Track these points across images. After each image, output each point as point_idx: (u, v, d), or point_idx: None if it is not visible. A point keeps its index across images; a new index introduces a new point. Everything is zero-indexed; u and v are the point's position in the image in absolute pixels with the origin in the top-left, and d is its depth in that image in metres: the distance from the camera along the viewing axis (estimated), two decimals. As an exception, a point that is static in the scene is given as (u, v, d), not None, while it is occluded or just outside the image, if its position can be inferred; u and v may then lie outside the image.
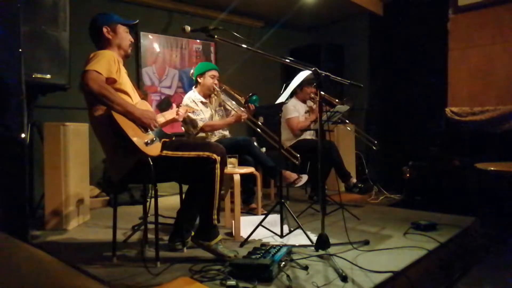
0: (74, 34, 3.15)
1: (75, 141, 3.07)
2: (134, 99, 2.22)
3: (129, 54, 2.35)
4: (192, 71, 3.60)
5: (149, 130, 2.12)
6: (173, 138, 2.35)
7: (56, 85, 3.06)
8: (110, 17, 2.30)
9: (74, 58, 3.22)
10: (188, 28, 2.14)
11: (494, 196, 3.43)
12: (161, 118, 2.47)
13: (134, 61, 4.42)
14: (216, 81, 3.40)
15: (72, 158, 3.01)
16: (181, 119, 2.66)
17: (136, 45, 4.42)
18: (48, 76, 2.96)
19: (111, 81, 2.05)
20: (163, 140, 2.21)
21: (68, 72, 3.09)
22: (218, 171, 2.11)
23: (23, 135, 2.26)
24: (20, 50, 2.26)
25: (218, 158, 2.11)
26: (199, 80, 3.42)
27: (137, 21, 2.41)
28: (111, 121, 1.94)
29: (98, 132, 2.12)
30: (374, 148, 3.71)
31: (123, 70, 2.22)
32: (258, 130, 3.32)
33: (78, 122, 3.18)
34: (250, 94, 3.24)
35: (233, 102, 3.48)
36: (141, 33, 4.46)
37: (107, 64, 2.04)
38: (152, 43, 4.58)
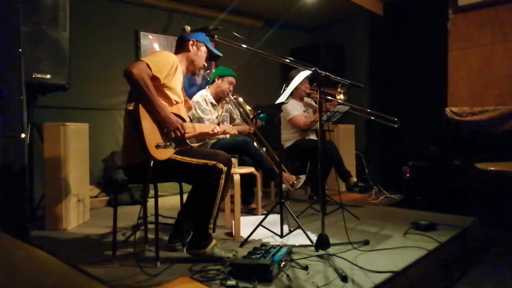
0: (74, 34, 3.15)
1: (75, 141, 3.07)
2: (173, 107, 2.22)
3: (195, 73, 2.44)
4: (208, 71, 3.60)
5: (168, 136, 2.08)
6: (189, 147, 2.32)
7: (56, 85, 3.06)
8: (203, 37, 2.36)
9: (74, 58, 3.22)
10: (188, 28, 2.14)
11: (494, 196, 3.43)
12: (191, 129, 2.42)
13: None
14: (231, 88, 3.45)
15: (72, 158, 3.01)
16: (215, 136, 2.63)
17: (136, 45, 4.42)
18: (48, 76, 2.97)
19: (156, 81, 2.05)
20: (178, 148, 2.16)
21: (68, 72, 3.09)
22: (222, 181, 2.11)
23: (23, 135, 2.26)
24: (20, 50, 2.26)
25: (224, 169, 2.11)
26: (216, 81, 3.45)
27: (221, 55, 2.47)
28: (136, 113, 1.95)
29: (125, 120, 2.14)
30: (396, 126, 3.47)
31: (179, 80, 2.24)
32: (261, 146, 3.39)
33: (78, 122, 3.19)
34: (259, 111, 3.30)
35: (238, 113, 3.56)
36: (141, 33, 4.46)
37: (162, 65, 2.06)
38: (152, 43, 4.58)
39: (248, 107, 3.38)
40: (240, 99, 3.46)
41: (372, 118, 3.73)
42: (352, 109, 3.71)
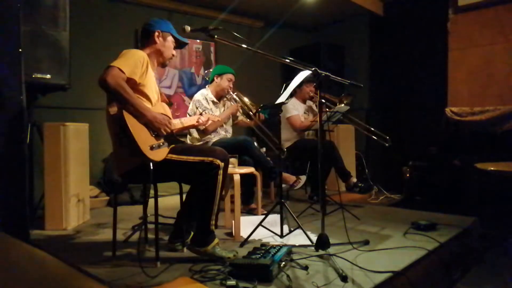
0: (74, 34, 3.15)
1: (75, 141, 3.07)
2: (154, 104, 2.22)
3: (166, 65, 2.40)
4: (206, 71, 3.60)
5: (160, 134, 2.10)
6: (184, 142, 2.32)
7: (56, 85, 3.06)
8: (167, 26, 2.33)
9: (74, 58, 3.22)
10: (188, 28, 2.14)
11: (494, 196, 3.42)
12: (179, 124, 2.44)
13: (134, 61, 4.42)
14: (231, 85, 3.46)
15: (72, 158, 3.01)
16: (202, 127, 2.64)
17: (136, 45, 4.41)
18: (48, 76, 2.97)
19: (132, 82, 2.05)
20: (172, 146, 2.18)
21: (68, 72, 3.09)
22: (220, 177, 2.11)
23: (23, 135, 2.26)
24: (20, 50, 2.26)
25: (221, 164, 2.11)
26: (215, 79, 3.46)
27: (188, 42, 2.46)
28: (121, 120, 1.94)
29: (110, 126, 2.13)
30: (387, 144, 3.53)
31: (151, 75, 2.23)
32: (263, 136, 3.38)
33: (78, 122, 3.19)
34: (262, 105, 3.30)
35: (240, 110, 3.56)
36: (141, 33, 4.45)
37: (134, 64, 2.05)
38: (152, 43, 4.58)
39: (248, 101, 3.39)
40: (240, 95, 3.46)
41: (365, 132, 3.76)
42: (349, 119, 3.73)
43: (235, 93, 3.47)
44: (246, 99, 3.45)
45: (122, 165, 2.11)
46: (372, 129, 3.66)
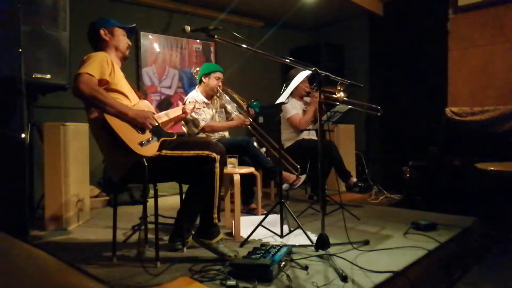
0: (74, 34, 3.15)
1: (75, 141, 3.07)
2: (132, 100, 2.22)
3: (126, 56, 2.38)
4: (195, 69, 3.58)
5: (146, 129, 2.11)
6: (175, 137, 2.31)
7: (56, 85, 3.07)
8: (108, 21, 2.33)
9: (74, 58, 3.20)
10: (188, 28, 2.13)
11: (494, 196, 3.43)
12: (164, 117, 2.44)
13: (134, 61, 4.42)
14: (220, 83, 3.43)
15: (72, 158, 3.01)
16: (188, 116, 2.64)
17: (136, 45, 4.41)
18: (48, 76, 2.97)
19: (104, 83, 2.06)
20: (162, 139, 2.19)
21: (68, 72, 3.09)
22: (217, 170, 2.11)
23: (23, 135, 2.27)
24: (20, 50, 2.26)
25: (217, 157, 2.11)
26: (203, 80, 3.44)
27: (134, 25, 2.44)
28: (104, 123, 1.94)
29: (95, 133, 2.13)
30: (379, 114, 3.46)
31: (119, 72, 2.22)
32: (257, 135, 3.36)
33: (78, 122, 3.18)
34: (252, 100, 3.27)
35: (234, 105, 3.52)
36: (141, 33, 4.46)
37: (100, 65, 2.05)
38: (152, 43, 4.58)
39: (239, 98, 3.35)
40: (230, 91, 3.42)
41: (353, 107, 3.71)
42: (336, 101, 3.67)
43: (226, 90, 3.42)
44: (236, 96, 3.39)
45: (118, 170, 2.10)
46: (365, 103, 3.65)
